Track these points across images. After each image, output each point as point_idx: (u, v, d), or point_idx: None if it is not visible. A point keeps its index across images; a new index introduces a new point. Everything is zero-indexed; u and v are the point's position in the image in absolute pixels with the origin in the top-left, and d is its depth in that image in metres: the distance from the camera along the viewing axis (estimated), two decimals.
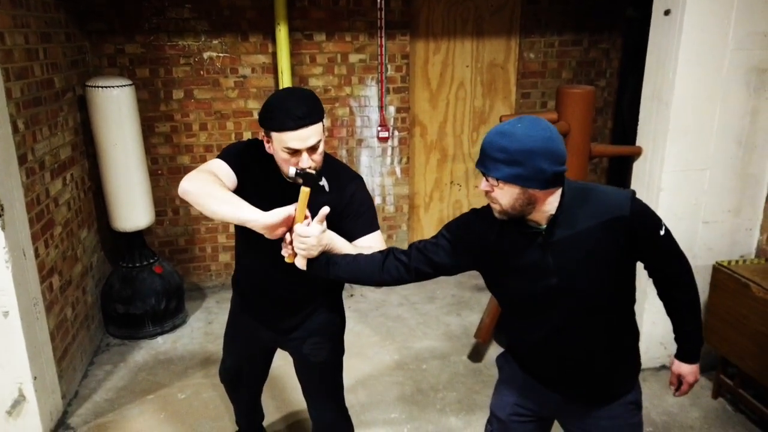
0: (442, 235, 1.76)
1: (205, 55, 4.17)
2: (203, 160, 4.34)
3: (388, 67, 4.44)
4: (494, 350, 3.69)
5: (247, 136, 4.37)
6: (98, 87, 3.47)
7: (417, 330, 3.99)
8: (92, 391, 3.28)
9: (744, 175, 3.19)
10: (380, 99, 4.48)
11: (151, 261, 3.90)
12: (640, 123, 3.24)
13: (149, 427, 2.98)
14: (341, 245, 1.80)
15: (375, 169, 4.65)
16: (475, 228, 1.71)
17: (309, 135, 1.74)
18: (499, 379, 1.97)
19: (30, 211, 2.84)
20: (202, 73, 4.20)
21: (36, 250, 2.87)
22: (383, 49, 4.37)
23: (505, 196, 1.54)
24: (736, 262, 3.07)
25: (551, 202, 1.58)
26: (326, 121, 4.43)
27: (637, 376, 1.84)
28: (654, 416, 3.03)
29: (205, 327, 4.02)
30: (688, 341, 1.83)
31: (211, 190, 1.71)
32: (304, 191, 1.68)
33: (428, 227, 4.98)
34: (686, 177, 3.11)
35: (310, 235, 1.67)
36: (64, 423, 3.00)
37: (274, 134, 1.76)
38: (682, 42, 2.92)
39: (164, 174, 4.33)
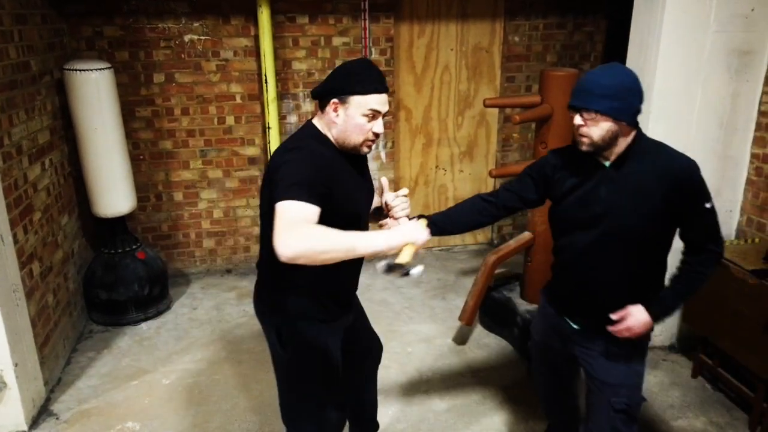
0: (528, 174, 2.07)
1: (186, 37, 4.11)
2: (185, 144, 4.30)
3: (372, 50, 4.40)
4: (478, 333, 3.72)
5: (229, 120, 4.32)
6: (76, 70, 3.41)
7: (402, 314, 4.00)
8: (75, 378, 3.26)
9: (725, 157, 3.22)
10: None
11: (134, 247, 3.87)
12: None
13: (133, 413, 2.97)
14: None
15: None
16: (553, 163, 2.01)
17: (386, 100, 1.85)
18: (538, 308, 2.29)
19: (7, 197, 2.80)
20: (183, 56, 4.14)
21: (14, 236, 2.83)
22: (367, 32, 4.33)
23: (599, 129, 1.78)
24: None
25: (626, 142, 1.82)
26: (302, 106, 4.41)
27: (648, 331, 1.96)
28: None
29: (190, 312, 4.01)
30: (667, 299, 1.94)
31: (323, 248, 1.56)
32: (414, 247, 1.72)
33: (414, 212, 4.94)
34: None
35: (403, 194, 2.01)
36: (47, 409, 2.99)
37: (356, 98, 1.78)
38: (665, 24, 2.92)
39: (146, 159, 4.28)
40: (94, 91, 3.46)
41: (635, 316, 1.90)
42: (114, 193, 3.67)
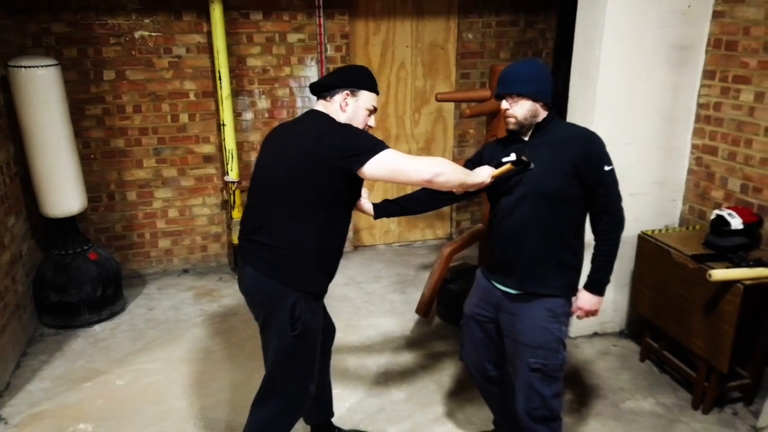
0: (469, 160, 2.40)
1: (137, 34, 4.04)
2: (138, 143, 4.23)
3: (328, 47, 4.41)
4: (436, 325, 3.78)
5: (183, 118, 4.27)
6: (21, 67, 3.32)
7: (362, 308, 4.03)
8: (26, 381, 3.18)
9: (668, 149, 3.34)
10: None
11: (85, 248, 3.78)
12: (570, 100, 3.35)
13: (87, 414, 2.91)
14: None
15: None
16: (488, 148, 2.37)
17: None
18: (473, 285, 2.45)
19: None
20: (134, 53, 4.07)
21: None
22: (322, 28, 4.34)
23: (521, 109, 2.12)
24: (660, 231, 3.23)
25: (540, 120, 2.15)
26: (257, 103, 4.38)
27: (563, 294, 2.20)
28: (586, 380, 3.17)
29: (146, 313, 3.94)
30: (595, 273, 2.22)
31: (456, 174, 2.10)
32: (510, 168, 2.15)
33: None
34: (613, 151, 3.11)
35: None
36: None
37: (367, 94, 2.20)
38: (607, 21, 3.02)
39: (98, 158, 4.19)
40: (41, 89, 3.38)
41: (581, 298, 2.25)
42: (63, 192, 3.58)
